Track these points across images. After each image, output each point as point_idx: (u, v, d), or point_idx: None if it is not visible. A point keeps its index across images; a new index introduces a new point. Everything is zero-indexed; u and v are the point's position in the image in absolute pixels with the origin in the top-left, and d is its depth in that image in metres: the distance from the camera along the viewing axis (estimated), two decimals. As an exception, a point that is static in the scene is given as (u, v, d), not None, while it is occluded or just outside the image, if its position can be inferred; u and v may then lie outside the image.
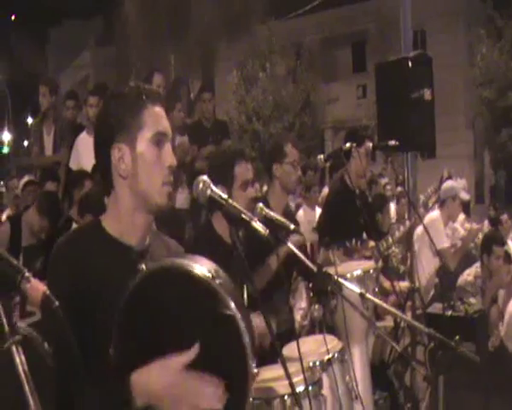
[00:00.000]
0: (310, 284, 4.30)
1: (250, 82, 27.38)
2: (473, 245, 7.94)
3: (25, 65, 38.75)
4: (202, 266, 1.94)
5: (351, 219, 5.29)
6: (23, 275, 1.60)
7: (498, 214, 10.80)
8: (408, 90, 5.55)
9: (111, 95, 2.33)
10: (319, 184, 9.75)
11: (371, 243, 5.52)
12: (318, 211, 7.90)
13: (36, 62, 39.98)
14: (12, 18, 43.74)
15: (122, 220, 2.20)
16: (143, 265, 1.96)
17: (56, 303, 1.61)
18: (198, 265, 1.94)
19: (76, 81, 37.54)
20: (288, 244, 2.83)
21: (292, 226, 2.86)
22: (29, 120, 28.24)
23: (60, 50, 43.70)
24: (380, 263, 5.50)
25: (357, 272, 4.34)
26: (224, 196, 2.18)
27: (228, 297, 1.88)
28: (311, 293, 4.25)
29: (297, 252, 2.97)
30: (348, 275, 4.23)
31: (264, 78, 27.11)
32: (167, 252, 2.33)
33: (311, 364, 3.34)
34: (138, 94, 2.19)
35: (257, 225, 2.12)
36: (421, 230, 6.83)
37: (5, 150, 40.61)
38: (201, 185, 2.19)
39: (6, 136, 42.01)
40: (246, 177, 3.75)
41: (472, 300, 6.26)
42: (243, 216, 2.13)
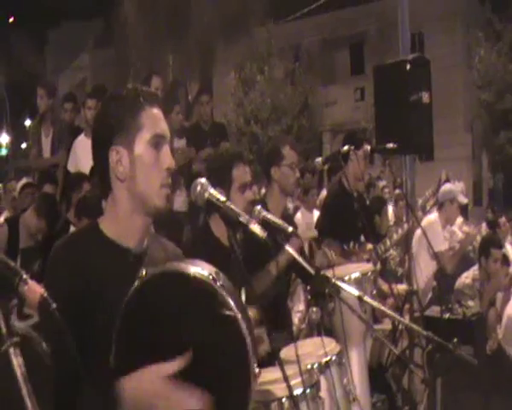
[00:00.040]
0: (308, 287, 4.29)
1: (248, 85, 27.39)
2: (471, 248, 7.94)
3: (23, 66, 38.74)
4: (203, 270, 1.94)
5: (349, 221, 5.29)
6: (21, 277, 1.60)
7: (496, 217, 10.82)
8: (406, 92, 5.56)
9: (109, 97, 2.33)
10: (317, 187, 9.76)
11: (369, 246, 5.52)
12: (316, 214, 7.90)
13: (34, 64, 39.98)
14: (10, 20, 43.71)
15: (120, 223, 2.19)
16: (143, 270, 1.95)
17: (54, 305, 1.61)
18: (199, 268, 1.94)
19: (74, 83, 37.51)
20: (287, 247, 2.83)
21: (290, 229, 2.86)
22: (27, 123, 28.26)
23: (58, 52, 43.69)
24: (378, 266, 5.50)
25: (355, 275, 4.34)
26: (222, 199, 2.17)
27: (229, 299, 1.89)
28: (309, 296, 4.25)
29: (295, 255, 2.98)
30: (346, 278, 4.23)
31: (262, 80, 27.12)
32: (165, 254, 2.32)
33: (309, 366, 3.34)
34: (136, 96, 2.18)
35: (255, 228, 2.11)
36: (419, 232, 6.83)
37: (3, 152, 40.63)
38: (199, 188, 2.18)
39: (4, 138, 42.02)
40: (244, 179, 3.74)
41: (470, 303, 6.26)
42: (241, 219, 2.12)
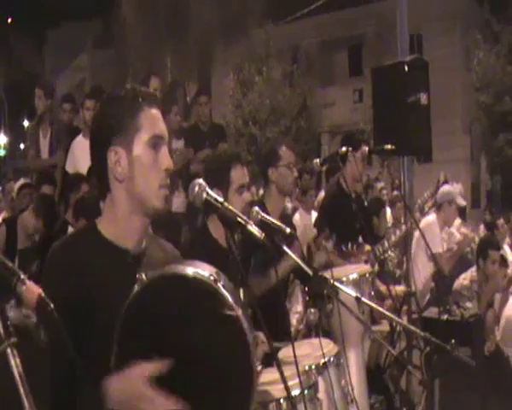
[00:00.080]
0: (306, 288, 4.29)
1: (247, 86, 27.39)
2: (468, 249, 7.95)
3: (22, 67, 38.73)
4: (204, 271, 1.95)
5: (347, 222, 5.29)
6: (18, 277, 1.60)
7: (494, 219, 10.81)
8: (404, 94, 5.56)
9: (107, 97, 2.32)
10: (315, 188, 9.74)
11: (367, 247, 5.52)
12: (314, 215, 7.90)
13: (33, 64, 39.98)
14: (9, 20, 43.71)
15: (118, 224, 2.18)
16: (143, 274, 1.95)
17: (51, 305, 1.61)
18: (199, 269, 1.95)
19: (73, 83, 37.49)
20: (284, 248, 2.83)
21: (288, 230, 2.86)
22: (25, 123, 28.24)
23: (57, 52, 43.67)
24: (376, 267, 5.50)
25: (353, 276, 4.34)
26: (220, 200, 2.17)
27: (231, 298, 1.90)
28: (307, 297, 4.25)
29: (293, 256, 2.98)
30: (344, 279, 4.23)
31: (260, 81, 27.13)
32: (164, 255, 2.32)
33: (307, 367, 3.34)
34: (135, 96, 2.17)
35: (252, 229, 2.12)
36: (419, 234, 6.83)
37: (1, 153, 40.61)
38: (197, 188, 2.18)
39: (2, 138, 42.01)
40: (242, 181, 3.74)
41: (468, 304, 6.27)
42: (239, 219, 2.12)
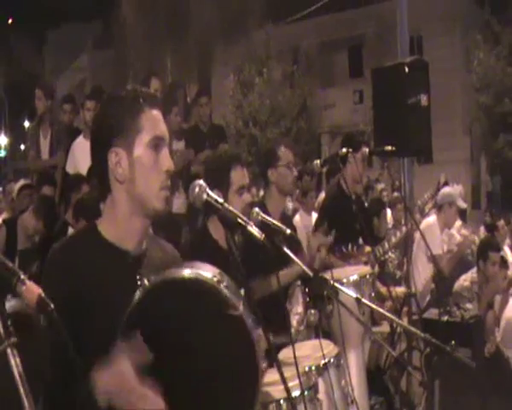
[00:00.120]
0: (306, 289, 4.29)
1: (247, 87, 27.39)
2: (469, 251, 7.94)
3: (22, 67, 38.76)
4: (207, 272, 1.95)
5: (347, 224, 5.29)
6: (18, 278, 1.60)
7: (495, 220, 10.80)
8: (404, 95, 5.57)
9: (108, 98, 2.32)
10: (316, 190, 9.72)
11: (367, 249, 5.52)
12: (315, 216, 7.88)
13: (33, 65, 40.00)
14: (9, 21, 43.74)
15: (119, 225, 2.18)
16: (145, 280, 1.95)
17: (52, 306, 1.61)
18: (202, 271, 1.96)
19: (74, 84, 37.50)
20: (284, 249, 2.83)
21: (288, 231, 2.86)
22: (26, 124, 28.25)
23: (57, 53, 43.68)
24: (376, 268, 5.50)
25: (353, 278, 4.35)
26: (220, 201, 2.17)
27: (234, 299, 1.91)
28: (308, 298, 4.25)
29: (293, 257, 2.97)
30: (344, 280, 4.24)
31: (261, 82, 27.13)
32: (164, 256, 2.32)
33: (307, 368, 3.34)
34: (135, 97, 2.16)
35: (253, 230, 2.12)
36: (419, 235, 6.83)
37: (2, 154, 40.67)
38: (197, 189, 2.18)
39: (3, 139, 42.07)
40: (242, 182, 3.73)
41: (468, 305, 6.26)
42: (239, 220, 2.12)
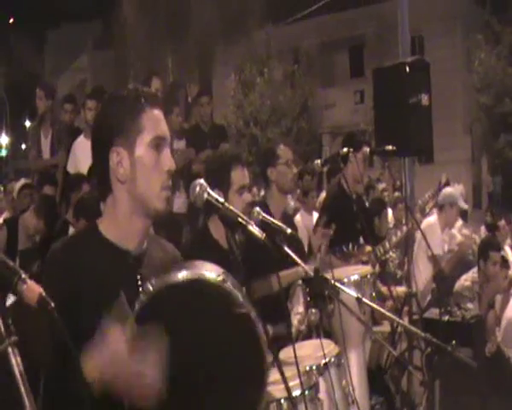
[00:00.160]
0: (307, 289, 4.29)
1: (248, 87, 27.41)
2: (470, 251, 7.94)
3: (23, 67, 38.78)
4: (211, 272, 1.96)
5: (348, 223, 5.29)
6: (19, 277, 1.60)
7: (495, 220, 10.79)
8: (405, 95, 5.57)
9: (109, 97, 2.31)
10: (316, 189, 9.73)
11: (368, 248, 5.52)
12: (316, 216, 7.89)
13: (34, 65, 40.01)
14: (10, 21, 43.77)
15: (120, 225, 2.17)
16: (149, 284, 1.94)
17: (52, 305, 1.61)
18: (206, 271, 1.96)
19: (74, 84, 37.53)
20: (285, 248, 2.83)
21: (289, 231, 2.86)
22: (27, 124, 28.28)
23: (58, 53, 43.72)
24: (377, 268, 5.50)
25: (354, 277, 4.34)
26: (221, 200, 2.17)
27: (241, 296, 1.93)
28: (309, 297, 4.25)
29: (294, 257, 2.97)
30: (345, 280, 4.23)
31: (261, 82, 27.15)
32: (164, 255, 2.31)
33: (308, 368, 3.34)
34: (137, 97, 2.15)
35: (253, 229, 2.11)
36: (421, 235, 6.82)
37: (3, 153, 40.72)
38: (198, 189, 2.18)
39: (4, 139, 42.12)
40: (242, 182, 3.73)
41: (469, 305, 6.26)
42: (240, 220, 2.12)
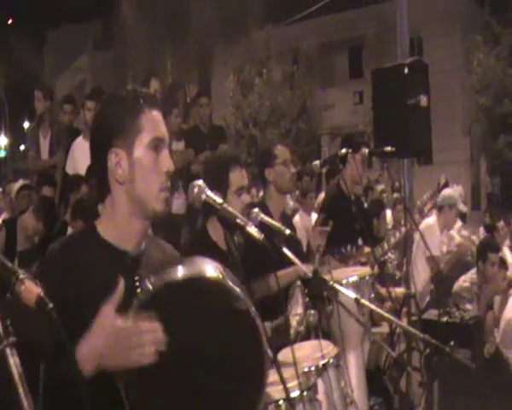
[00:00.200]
0: (306, 290, 4.29)
1: (247, 87, 27.42)
2: (468, 252, 7.94)
3: (22, 68, 38.78)
4: (211, 269, 1.97)
5: (346, 224, 5.29)
6: (17, 277, 1.60)
7: (494, 221, 10.79)
8: (404, 96, 5.57)
9: (108, 98, 2.31)
10: (315, 190, 9.74)
11: (367, 249, 5.52)
12: (314, 216, 7.89)
13: (33, 65, 40.02)
14: (9, 21, 43.76)
15: (118, 226, 2.17)
16: (148, 283, 1.94)
17: (51, 305, 1.61)
18: (206, 268, 1.97)
19: (73, 85, 37.54)
20: (284, 249, 2.83)
21: (287, 232, 2.86)
22: (26, 125, 28.28)
23: (57, 53, 43.72)
24: (375, 269, 5.50)
25: (352, 278, 4.34)
26: (220, 201, 2.17)
27: (240, 293, 1.93)
28: (307, 298, 4.25)
29: (293, 258, 2.97)
30: (344, 281, 4.23)
31: (260, 83, 27.16)
32: (163, 256, 2.31)
33: (307, 369, 3.33)
34: (136, 98, 2.15)
35: (252, 230, 2.11)
36: (419, 236, 6.82)
37: (2, 154, 40.70)
38: (196, 190, 2.18)
39: (3, 140, 42.09)
40: (240, 183, 3.74)
41: (468, 306, 6.27)
42: (238, 221, 2.11)
